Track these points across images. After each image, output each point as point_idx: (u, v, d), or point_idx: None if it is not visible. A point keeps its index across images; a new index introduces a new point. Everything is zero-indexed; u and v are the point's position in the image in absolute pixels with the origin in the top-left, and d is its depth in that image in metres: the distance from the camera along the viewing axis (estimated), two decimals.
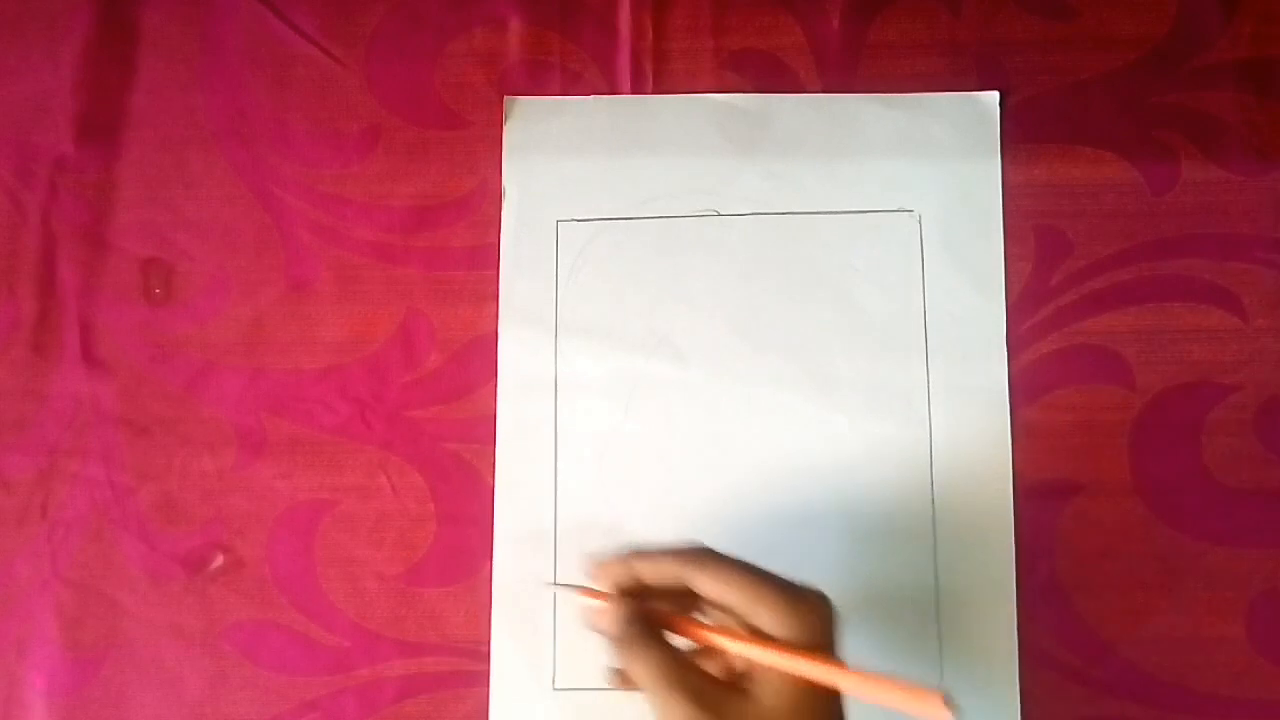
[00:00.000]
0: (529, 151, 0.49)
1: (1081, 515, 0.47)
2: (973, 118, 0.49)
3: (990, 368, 0.47)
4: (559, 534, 0.47)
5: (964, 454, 0.47)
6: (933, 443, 0.47)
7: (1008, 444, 0.47)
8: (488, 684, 0.46)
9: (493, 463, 0.48)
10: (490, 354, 0.48)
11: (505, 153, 0.49)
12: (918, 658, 0.46)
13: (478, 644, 0.47)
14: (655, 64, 0.50)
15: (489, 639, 0.47)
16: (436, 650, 0.47)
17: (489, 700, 0.46)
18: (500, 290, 0.49)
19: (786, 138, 0.49)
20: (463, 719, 0.46)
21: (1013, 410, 0.47)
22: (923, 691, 0.31)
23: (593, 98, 0.50)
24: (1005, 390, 0.47)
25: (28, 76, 0.50)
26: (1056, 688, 0.46)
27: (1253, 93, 0.49)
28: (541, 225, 0.49)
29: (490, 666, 0.46)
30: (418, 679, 0.47)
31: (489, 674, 0.46)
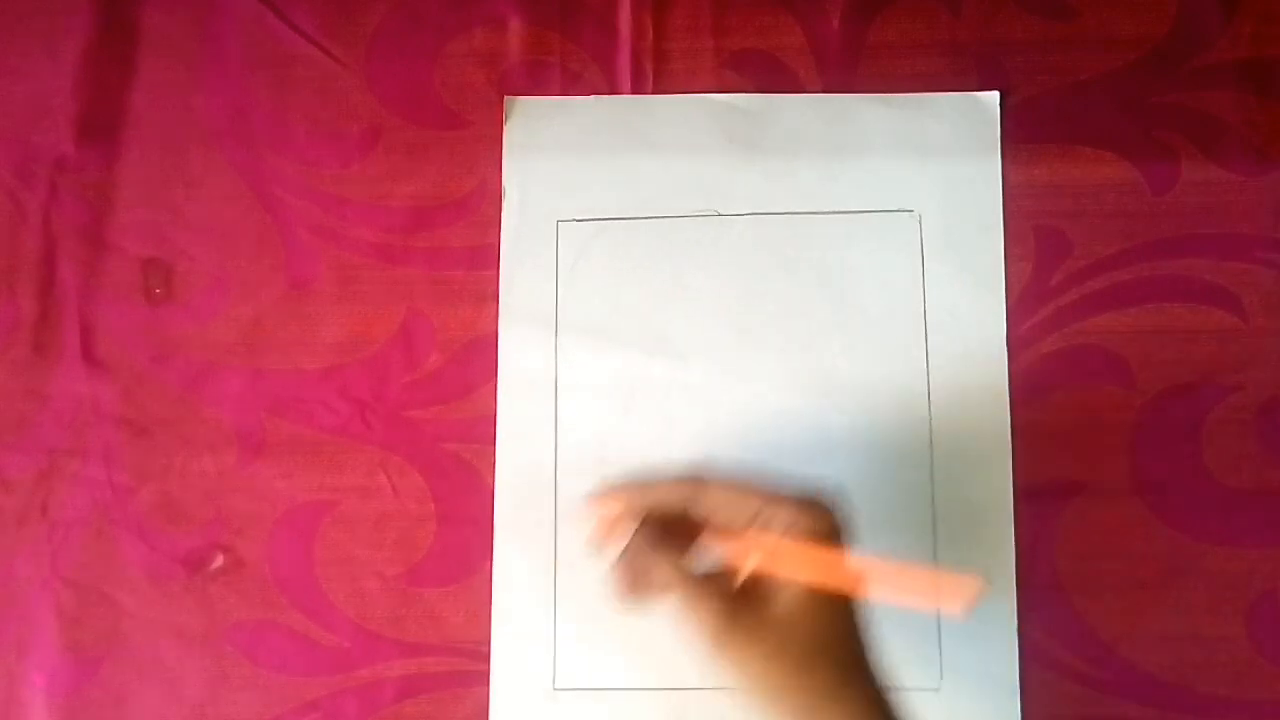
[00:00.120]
0: (529, 151, 0.49)
1: (1081, 515, 0.47)
2: (973, 118, 0.49)
3: (990, 368, 0.47)
4: (559, 534, 0.47)
5: (964, 454, 0.47)
6: (933, 444, 0.47)
7: (1008, 444, 0.47)
8: (488, 684, 0.46)
9: (493, 463, 0.48)
10: (490, 354, 0.48)
11: (505, 153, 0.49)
12: (918, 658, 0.46)
13: (478, 644, 0.47)
14: (655, 64, 0.50)
15: (489, 639, 0.47)
16: (436, 650, 0.47)
17: (489, 700, 0.46)
18: (500, 290, 0.49)
19: (787, 138, 0.49)
20: (463, 719, 0.46)
21: (1013, 410, 0.47)
22: (952, 576, 0.30)
23: (593, 98, 0.50)
24: (1005, 390, 0.47)
25: (28, 76, 0.50)
26: (1056, 688, 0.46)
27: (1253, 93, 0.49)
28: (542, 225, 0.49)
29: (490, 667, 0.46)
30: (418, 679, 0.47)
31: (489, 674, 0.46)
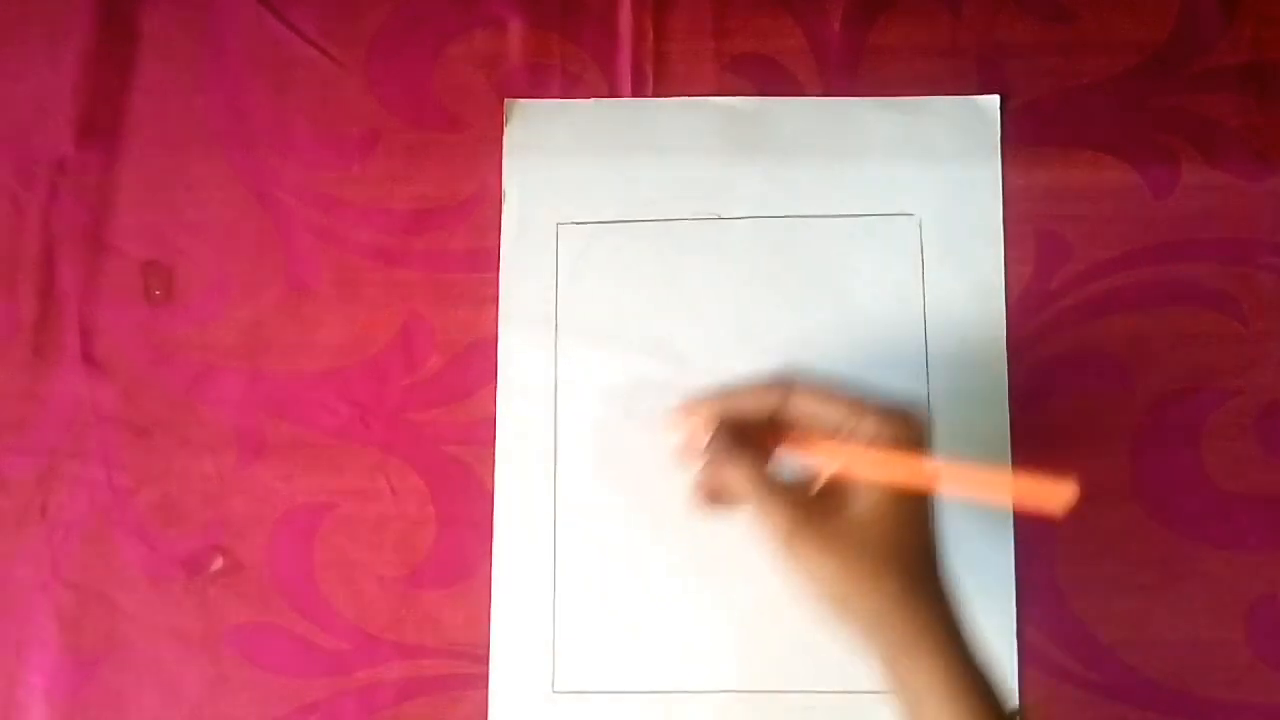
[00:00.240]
0: (529, 154, 0.49)
1: (1081, 519, 0.47)
2: (973, 121, 0.49)
3: (990, 371, 0.47)
4: (559, 535, 0.47)
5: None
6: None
7: (1008, 447, 0.47)
8: (487, 687, 0.46)
9: (492, 465, 0.48)
10: (490, 357, 0.48)
11: (505, 155, 0.49)
12: None
13: (477, 646, 0.47)
14: (656, 67, 0.50)
15: (488, 641, 0.47)
16: (436, 653, 0.47)
17: (488, 703, 0.46)
18: (500, 293, 0.49)
19: (787, 141, 0.49)
20: None
21: (1013, 414, 0.47)
22: (1044, 478, 0.30)
23: (593, 100, 0.50)
24: (1005, 394, 0.47)
25: (28, 78, 0.50)
26: (1055, 691, 0.46)
27: (1253, 96, 0.49)
28: (542, 228, 0.49)
29: (490, 669, 0.46)
30: (417, 681, 0.47)
31: (488, 677, 0.46)
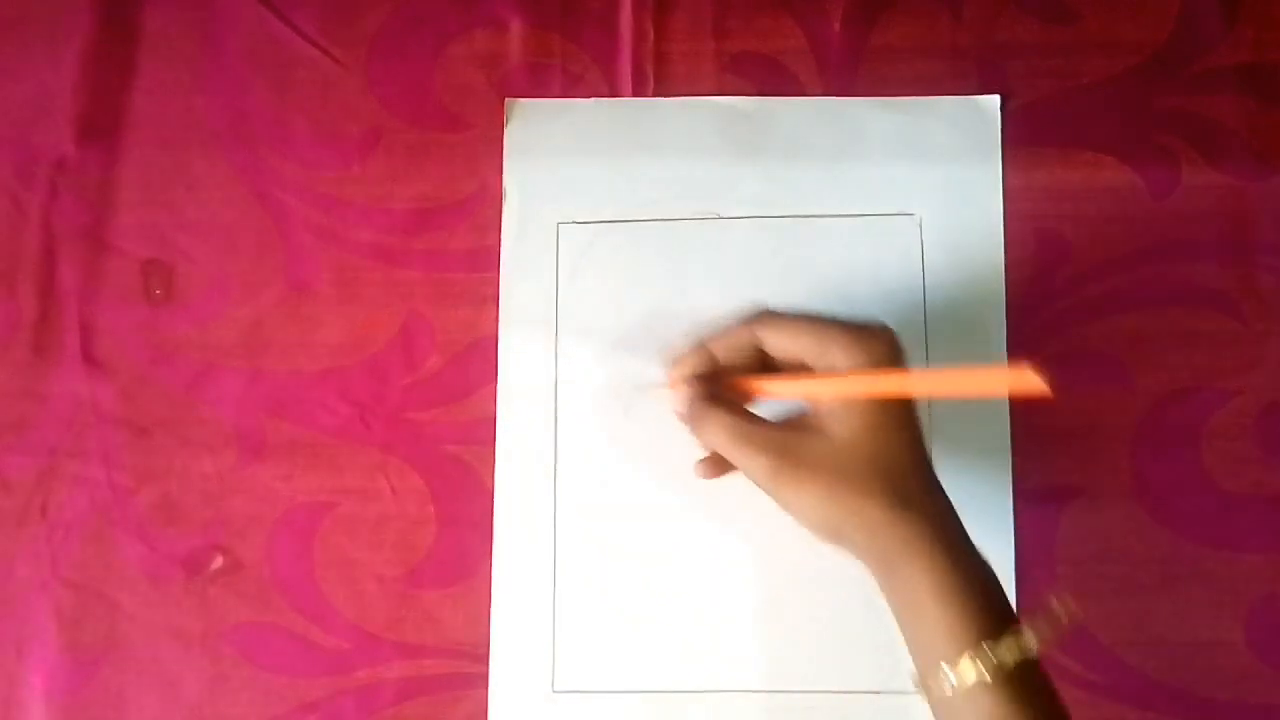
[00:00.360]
0: (530, 154, 0.49)
1: (1081, 519, 0.47)
2: (974, 121, 0.49)
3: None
4: (559, 536, 0.47)
5: (964, 457, 0.47)
6: (933, 446, 0.47)
7: (1008, 448, 0.47)
8: (487, 686, 0.46)
9: (493, 465, 0.48)
10: (490, 356, 0.48)
11: (506, 155, 0.49)
12: None
13: (477, 646, 0.47)
14: (656, 66, 0.50)
15: (488, 641, 0.47)
16: (436, 652, 0.47)
17: (488, 702, 0.46)
18: (500, 292, 0.49)
19: (787, 141, 0.49)
20: None
21: (1013, 414, 0.47)
22: (1004, 369, 0.30)
23: (594, 100, 0.50)
24: (1005, 394, 0.47)
25: (29, 77, 0.50)
26: None
27: (1254, 97, 0.49)
28: (542, 227, 0.49)
29: (490, 669, 0.46)
30: (417, 681, 0.47)
31: (488, 676, 0.46)
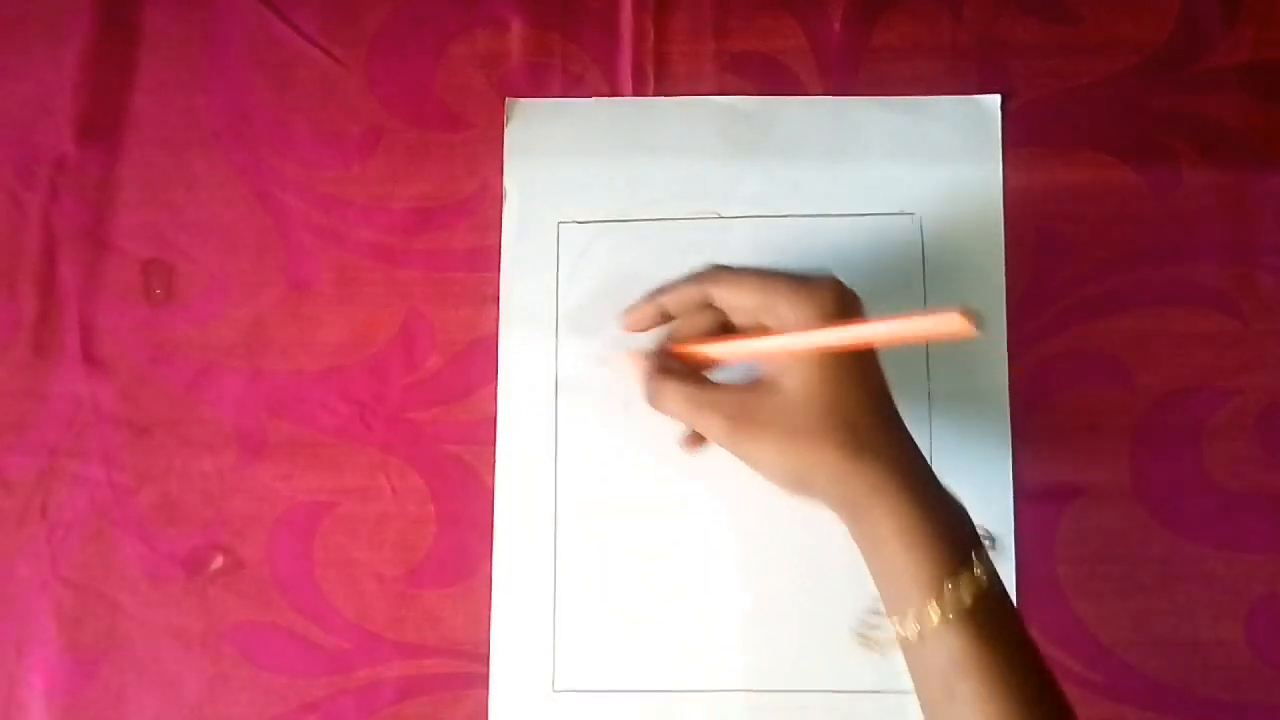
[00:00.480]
0: (530, 153, 0.49)
1: (1081, 518, 0.47)
2: (974, 121, 0.49)
3: (991, 371, 0.47)
4: (559, 535, 0.47)
5: (965, 457, 0.47)
6: (933, 446, 0.47)
7: (1008, 447, 0.47)
8: (487, 686, 0.46)
9: (493, 464, 0.48)
10: (491, 355, 0.48)
11: (506, 154, 0.49)
12: None
13: (477, 646, 0.47)
14: (657, 66, 0.50)
15: (489, 641, 0.47)
16: (436, 652, 0.47)
17: (488, 702, 0.46)
18: (501, 292, 0.49)
19: (788, 140, 0.49)
20: None
21: (1013, 413, 0.47)
22: (940, 312, 0.31)
23: (594, 100, 0.50)
24: (1006, 393, 0.47)
25: (29, 77, 0.50)
26: None
27: (1254, 97, 0.49)
28: (542, 227, 0.49)
29: (490, 668, 0.46)
30: (417, 681, 0.47)
31: (488, 676, 0.46)
